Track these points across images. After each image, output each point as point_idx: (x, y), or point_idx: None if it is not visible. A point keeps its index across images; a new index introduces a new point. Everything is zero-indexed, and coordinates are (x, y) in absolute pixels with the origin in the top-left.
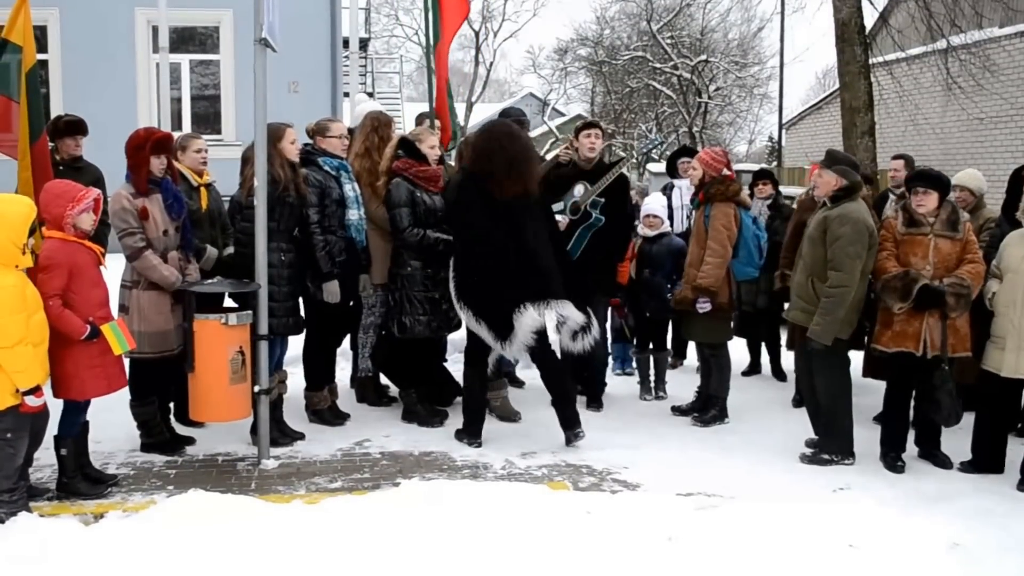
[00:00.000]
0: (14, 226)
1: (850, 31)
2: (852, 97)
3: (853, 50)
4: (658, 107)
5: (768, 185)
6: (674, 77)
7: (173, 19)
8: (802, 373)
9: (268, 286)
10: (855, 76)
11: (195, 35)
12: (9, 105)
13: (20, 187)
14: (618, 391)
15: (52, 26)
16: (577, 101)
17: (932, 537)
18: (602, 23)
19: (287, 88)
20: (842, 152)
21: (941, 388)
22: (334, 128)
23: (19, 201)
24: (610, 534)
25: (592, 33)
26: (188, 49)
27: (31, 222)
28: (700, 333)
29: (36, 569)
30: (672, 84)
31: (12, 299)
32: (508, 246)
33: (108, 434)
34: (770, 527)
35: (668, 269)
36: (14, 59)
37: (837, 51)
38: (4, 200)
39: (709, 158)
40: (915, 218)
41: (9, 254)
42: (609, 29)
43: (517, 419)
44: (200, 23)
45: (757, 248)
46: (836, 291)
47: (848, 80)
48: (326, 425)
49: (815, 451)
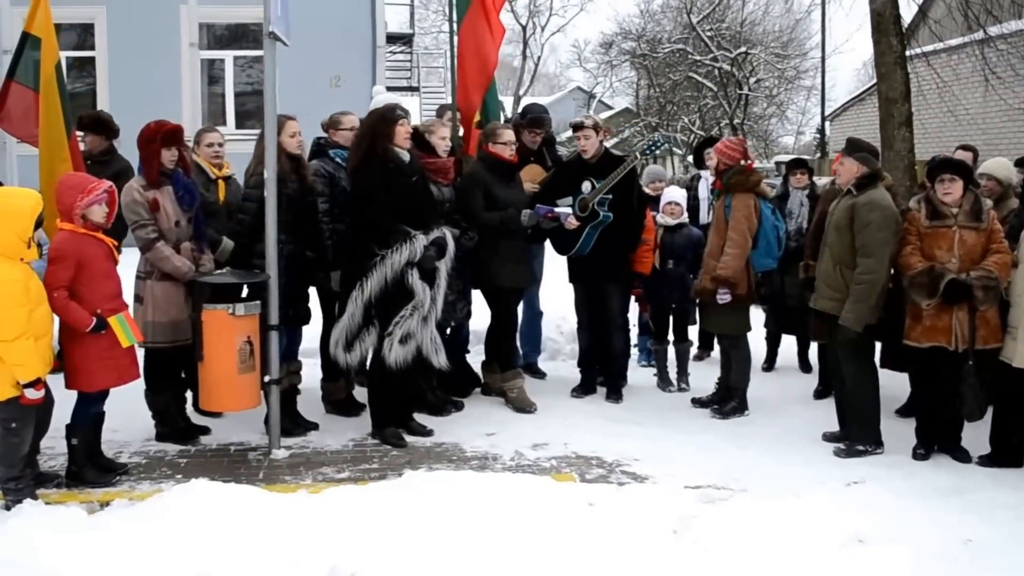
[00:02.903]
0: (20, 219)
1: (885, 21)
2: (889, 88)
3: (889, 40)
4: (701, 99)
5: (804, 175)
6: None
7: (219, 16)
8: (833, 363)
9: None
10: (891, 67)
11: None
12: (30, 95)
13: (42, 179)
14: (642, 383)
15: (99, 23)
16: (622, 94)
17: (945, 532)
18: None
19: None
20: (863, 140)
21: (965, 382)
22: (345, 121)
23: (25, 195)
24: (612, 526)
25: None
26: (234, 45)
27: (36, 215)
28: (719, 324)
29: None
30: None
31: (15, 293)
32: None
33: (126, 423)
34: (778, 520)
35: (689, 259)
36: (34, 51)
37: (873, 42)
38: (10, 194)
39: (724, 147)
40: (939, 210)
41: (14, 247)
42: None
43: (532, 410)
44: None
45: (776, 239)
46: (867, 278)
47: (884, 71)
48: (342, 416)
49: (849, 444)
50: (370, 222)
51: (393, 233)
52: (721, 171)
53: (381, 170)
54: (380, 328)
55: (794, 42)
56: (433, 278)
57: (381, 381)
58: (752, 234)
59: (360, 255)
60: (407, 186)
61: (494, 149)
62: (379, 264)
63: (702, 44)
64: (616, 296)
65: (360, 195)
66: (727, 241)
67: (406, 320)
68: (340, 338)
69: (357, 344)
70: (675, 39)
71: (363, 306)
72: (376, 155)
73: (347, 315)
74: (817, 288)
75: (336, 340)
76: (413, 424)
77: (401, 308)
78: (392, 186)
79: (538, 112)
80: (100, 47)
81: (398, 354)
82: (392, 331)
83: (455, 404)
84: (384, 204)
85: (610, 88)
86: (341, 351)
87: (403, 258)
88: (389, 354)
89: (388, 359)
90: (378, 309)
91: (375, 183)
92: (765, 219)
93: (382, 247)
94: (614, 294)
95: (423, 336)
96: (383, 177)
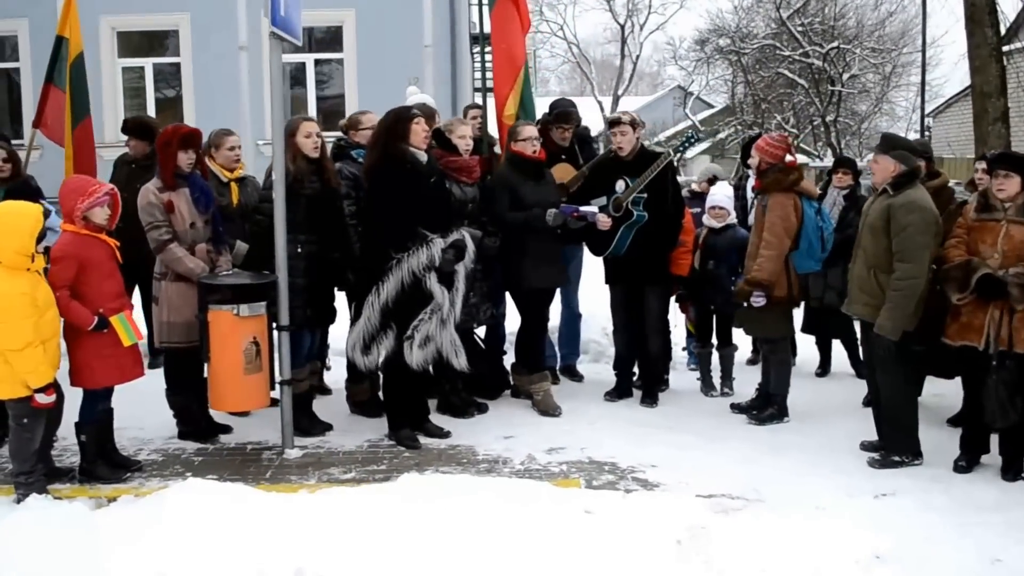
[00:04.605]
0: (19, 237)
1: (979, 11)
2: (983, 82)
3: (984, 32)
4: (795, 96)
5: (848, 175)
6: (808, 66)
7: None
8: (869, 369)
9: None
10: (986, 60)
11: (322, 35)
12: (62, 96)
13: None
14: (685, 387)
15: (183, 29)
16: (717, 92)
17: (973, 551)
18: (740, 12)
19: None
20: (901, 136)
21: (986, 384)
22: (365, 120)
23: (24, 214)
24: (608, 536)
25: (727, 23)
26: (312, 48)
27: (37, 232)
28: (756, 327)
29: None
30: (806, 73)
31: (22, 306)
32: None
33: (151, 421)
34: (790, 534)
35: (734, 261)
36: (64, 52)
37: (967, 33)
38: (10, 211)
39: (766, 144)
40: (990, 202)
41: (16, 261)
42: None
43: (557, 413)
44: (324, 23)
45: (820, 240)
46: (905, 283)
47: (979, 64)
48: (366, 416)
49: (884, 454)
50: (386, 225)
51: (410, 236)
52: (763, 170)
53: (397, 171)
54: (397, 331)
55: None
56: (452, 281)
57: (396, 383)
58: (791, 235)
59: (376, 258)
60: (424, 187)
61: (517, 147)
62: (395, 268)
63: (793, 40)
64: (653, 298)
65: (375, 197)
66: (763, 242)
67: (424, 324)
68: (357, 341)
69: (374, 347)
70: (764, 34)
71: (380, 310)
72: (392, 156)
73: (363, 318)
74: (850, 292)
75: (353, 344)
76: (430, 426)
77: (419, 311)
78: (408, 188)
79: (565, 106)
80: (185, 53)
81: (418, 357)
82: (411, 334)
83: (479, 406)
84: (400, 206)
85: (706, 86)
86: (359, 354)
87: (421, 261)
88: (410, 357)
89: (409, 362)
90: (395, 312)
91: (391, 184)
92: (808, 219)
93: (399, 250)
94: (651, 296)
95: (442, 339)
96: (399, 178)
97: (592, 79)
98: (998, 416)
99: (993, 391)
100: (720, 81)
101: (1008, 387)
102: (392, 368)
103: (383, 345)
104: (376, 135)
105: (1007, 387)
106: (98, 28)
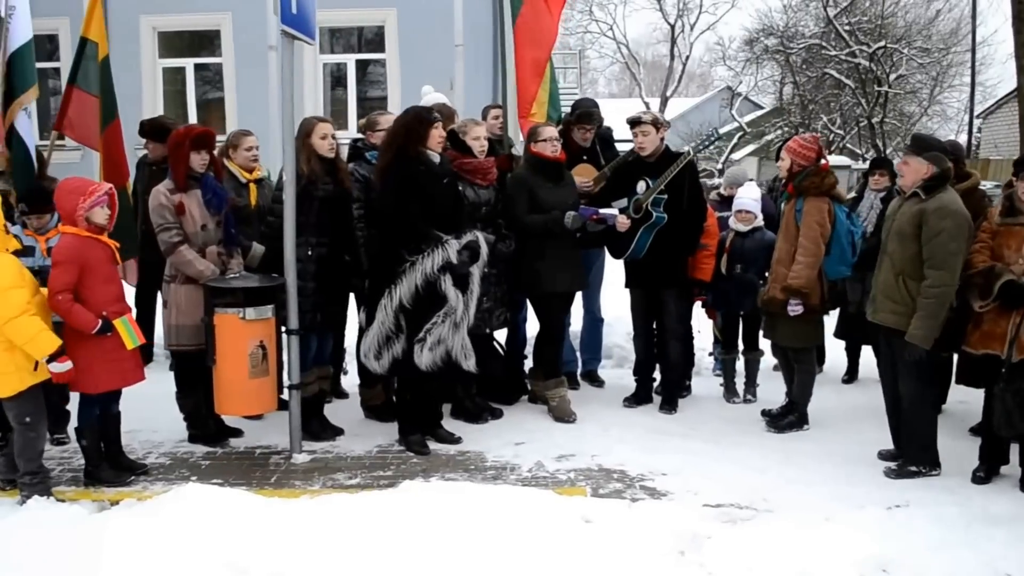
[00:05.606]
0: None
1: None
2: None
3: None
4: (842, 97)
5: (884, 176)
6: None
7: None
8: (887, 379)
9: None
10: None
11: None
12: (92, 101)
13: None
14: (709, 393)
15: (225, 30)
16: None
17: (983, 565)
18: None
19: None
20: (932, 136)
21: (994, 392)
22: (383, 122)
23: None
24: (608, 545)
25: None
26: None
27: None
28: (788, 336)
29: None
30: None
31: (10, 275)
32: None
33: (164, 424)
34: (796, 544)
35: (761, 265)
36: (92, 56)
37: (1014, 31)
38: None
39: (798, 146)
40: (1015, 206)
41: None
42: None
43: (572, 420)
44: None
45: (851, 245)
46: (938, 291)
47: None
48: (379, 421)
49: (901, 463)
50: (400, 227)
51: (424, 238)
52: (794, 173)
53: (411, 172)
54: (409, 334)
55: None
56: (466, 283)
57: (407, 388)
58: (826, 240)
59: (389, 261)
60: (438, 188)
61: (536, 149)
62: (409, 270)
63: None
64: (674, 302)
65: (389, 198)
66: (799, 248)
67: (437, 327)
68: (371, 345)
69: (385, 351)
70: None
71: (393, 313)
72: (407, 156)
73: (377, 323)
74: (874, 299)
75: (367, 350)
76: (441, 431)
77: (432, 314)
78: (423, 189)
79: (587, 107)
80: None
81: (427, 359)
82: (423, 337)
83: (492, 412)
84: (414, 208)
85: (755, 87)
86: (373, 359)
87: (435, 263)
88: (419, 359)
89: (418, 363)
90: (408, 315)
91: (404, 185)
92: (839, 224)
93: (413, 253)
94: (672, 300)
95: (454, 342)
96: (413, 179)
97: (640, 80)
98: (1003, 424)
99: (1000, 398)
100: (768, 82)
101: (1017, 395)
102: (404, 372)
103: (395, 348)
104: (392, 134)
105: (1015, 395)
106: (138, 28)
